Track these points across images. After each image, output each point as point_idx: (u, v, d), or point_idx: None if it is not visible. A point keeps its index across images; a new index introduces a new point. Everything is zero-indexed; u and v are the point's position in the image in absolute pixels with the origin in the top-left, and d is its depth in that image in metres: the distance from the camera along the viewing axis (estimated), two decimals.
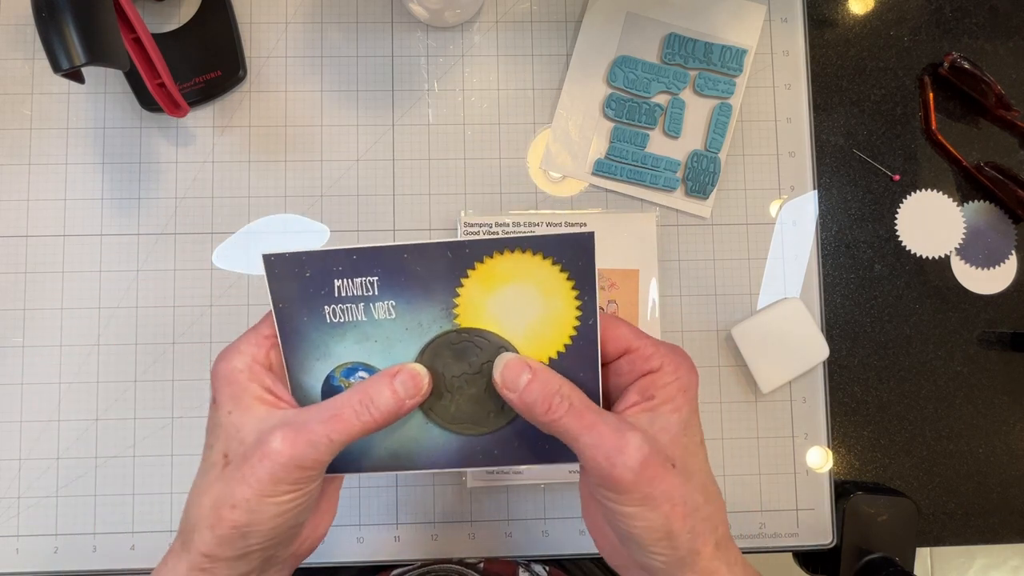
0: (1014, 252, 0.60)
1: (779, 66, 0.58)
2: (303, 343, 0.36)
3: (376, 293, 0.35)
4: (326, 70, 0.57)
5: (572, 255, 0.34)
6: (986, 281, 0.59)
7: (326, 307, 0.35)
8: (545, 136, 0.57)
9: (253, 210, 0.55)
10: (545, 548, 0.54)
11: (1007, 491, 0.58)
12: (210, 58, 0.55)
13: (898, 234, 0.59)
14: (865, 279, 0.59)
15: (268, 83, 0.56)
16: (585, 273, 0.34)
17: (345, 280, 0.35)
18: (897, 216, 0.59)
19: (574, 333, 0.35)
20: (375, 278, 0.35)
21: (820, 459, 0.56)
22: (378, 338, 0.35)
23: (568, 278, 0.35)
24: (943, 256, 0.59)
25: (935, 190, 0.59)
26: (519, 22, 0.58)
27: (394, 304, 0.35)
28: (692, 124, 0.57)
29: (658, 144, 0.57)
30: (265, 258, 0.34)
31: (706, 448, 0.35)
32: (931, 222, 0.59)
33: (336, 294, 0.35)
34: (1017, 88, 0.60)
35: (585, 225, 0.55)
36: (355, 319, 0.35)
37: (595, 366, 0.35)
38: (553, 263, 0.34)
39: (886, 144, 0.60)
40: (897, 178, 0.59)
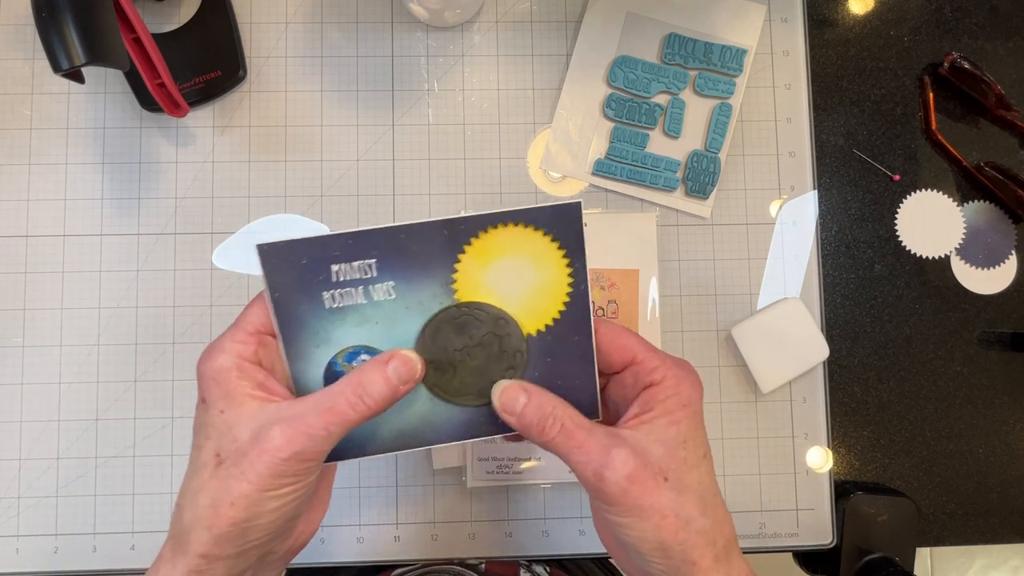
0: (1014, 252, 0.60)
1: (779, 66, 0.58)
2: (302, 331, 0.36)
3: (375, 275, 0.35)
4: (326, 70, 0.57)
5: (561, 225, 0.36)
6: (986, 281, 0.59)
7: (324, 293, 0.35)
8: (545, 136, 0.57)
9: (253, 210, 0.55)
10: (545, 548, 0.54)
11: (1007, 491, 0.58)
12: (210, 58, 0.55)
13: (898, 234, 0.59)
14: (865, 279, 0.59)
15: (268, 83, 0.56)
16: (574, 241, 0.36)
17: (343, 264, 0.35)
18: (897, 216, 0.59)
19: (567, 299, 0.37)
20: (373, 260, 0.35)
21: (820, 459, 0.56)
22: (379, 319, 0.36)
23: (559, 247, 0.36)
24: (943, 256, 0.59)
25: (935, 190, 0.59)
26: (519, 22, 0.58)
27: (394, 284, 0.35)
28: (692, 124, 0.57)
29: (658, 144, 0.57)
30: (259, 248, 0.34)
31: (711, 462, 0.36)
32: (931, 222, 0.59)
33: (334, 279, 0.35)
34: (1017, 88, 0.60)
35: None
36: (355, 302, 0.35)
37: (588, 330, 0.37)
38: (544, 234, 0.36)
39: (886, 144, 0.60)
40: (897, 178, 0.59)
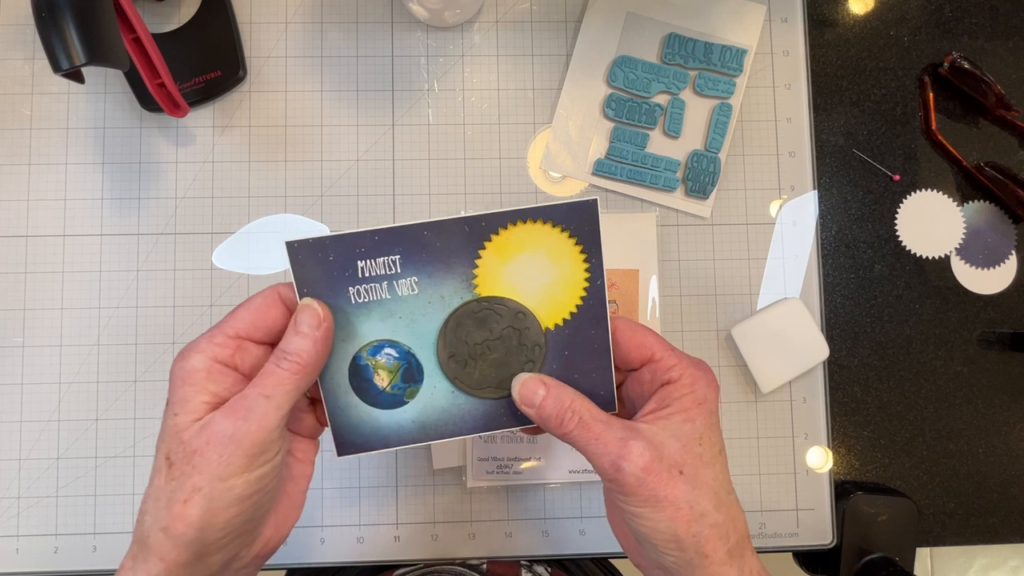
0: (1014, 252, 0.60)
1: (779, 66, 0.58)
2: None
3: (399, 271, 0.36)
4: (326, 70, 0.57)
5: (579, 221, 0.37)
6: (986, 281, 0.59)
7: (350, 288, 0.36)
8: (545, 136, 0.57)
9: (253, 210, 0.55)
10: (545, 548, 0.54)
11: (1007, 491, 0.58)
12: (210, 58, 0.55)
13: (898, 234, 0.59)
14: (865, 279, 0.59)
15: (268, 83, 0.56)
16: (591, 237, 0.37)
17: (368, 260, 0.36)
18: (897, 216, 0.59)
19: (584, 294, 0.38)
20: (397, 256, 0.36)
21: (820, 459, 0.56)
22: (402, 314, 0.37)
23: (576, 243, 0.37)
24: (943, 256, 0.59)
25: (935, 190, 0.59)
26: (519, 22, 0.58)
27: (416, 280, 0.37)
28: (692, 124, 0.57)
29: (658, 144, 0.57)
30: (288, 245, 0.35)
31: (726, 460, 0.37)
32: (931, 222, 0.59)
33: (360, 275, 0.36)
34: (1017, 88, 0.60)
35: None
36: (379, 297, 0.37)
37: (605, 324, 0.38)
38: (562, 230, 0.37)
39: (886, 144, 0.60)
40: (897, 178, 0.59)
